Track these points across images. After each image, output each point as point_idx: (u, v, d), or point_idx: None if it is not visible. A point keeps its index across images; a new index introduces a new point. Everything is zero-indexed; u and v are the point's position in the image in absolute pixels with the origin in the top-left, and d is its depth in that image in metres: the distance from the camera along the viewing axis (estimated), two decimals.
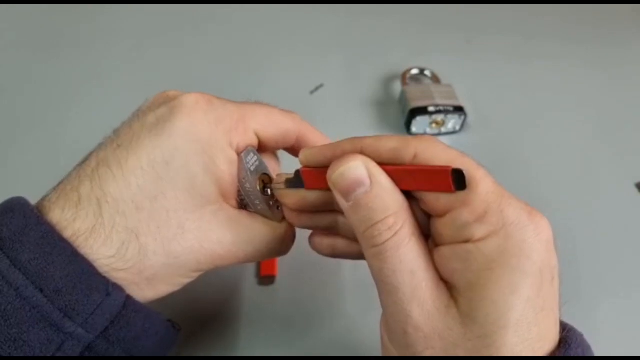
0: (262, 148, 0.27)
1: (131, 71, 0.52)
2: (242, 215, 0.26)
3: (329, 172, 0.22)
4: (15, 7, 0.60)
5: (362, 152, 0.22)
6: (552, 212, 0.41)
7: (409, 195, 0.22)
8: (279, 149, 0.29)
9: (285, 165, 0.30)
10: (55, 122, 0.47)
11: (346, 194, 0.21)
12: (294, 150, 0.29)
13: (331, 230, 0.26)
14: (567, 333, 0.20)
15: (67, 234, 0.21)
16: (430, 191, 0.21)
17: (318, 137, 0.29)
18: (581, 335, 0.21)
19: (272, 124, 0.27)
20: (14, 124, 0.47)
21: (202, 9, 0.61)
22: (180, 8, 0.61)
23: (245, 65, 0.54)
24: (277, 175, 0.27)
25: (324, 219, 0.26)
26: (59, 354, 0.20)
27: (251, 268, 0.36)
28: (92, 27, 0.58)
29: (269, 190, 0.27)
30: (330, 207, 0.25)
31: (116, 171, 0.22)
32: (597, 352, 0.32)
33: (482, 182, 0.20)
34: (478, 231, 0.19)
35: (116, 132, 0.24)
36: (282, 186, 0.26)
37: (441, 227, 0.21)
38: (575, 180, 0.45)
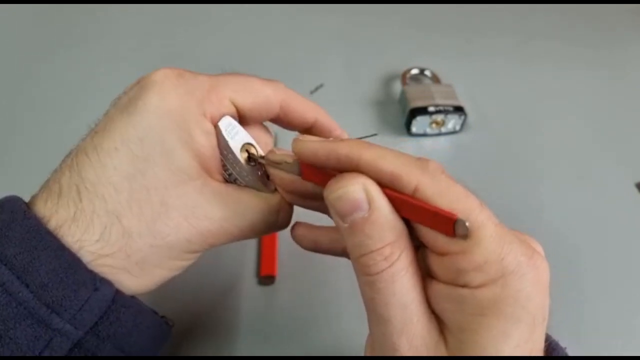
0: (246, 119, 0.26)
1: (131, 71, 0.51)
2: (230, 189, 0.25)
3: (326, 191, 0.21)
4: (15, 7, 0.60)
5: (359, 167, 0.20)
6: (552, 212, 0.41)
7: (405, 220, 0.20)
8: (262, 119, 0.27)
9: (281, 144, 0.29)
10: (54, 122, 0.47)
11: (342, 216, 0.20)
12: (280, 121, 0.28)
13: (321, 212, 0.25)
14: (547, 346, 0.20)
15: (52, 225, 0.21)
16: (430, 228, 0.20)
17: (304, 106, 0.27)
18: (564, 352, 0.21)
19: (249, 92, 0.25)
20: (14, 123, 0.47)
21: (202, 9, 0.61)
22: (180, 8, 0.61)
23: (245, 65, 0.54)
24: (270, 151, 0.25)
25: (316, 203, 0.25)
26: (47, 351, 0.20)
27: (251, 268, 0.36)
28: (92, 27, 0.58)
29: (255, 161, 0.25)
30: (322, 197, 0.24)
31: (92, 156, 0.22)
32: (596, 352, 0.32)
33: (484, 229, 0.19)
34: (475, 279, 0.19)
35: (96, 122, 0.24)
36: (276, 165, 0.24)
37: (437, 265, 0.20)
38: (575, 180, 0.45)
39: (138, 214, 0.22)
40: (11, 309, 0.19)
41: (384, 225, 0.20)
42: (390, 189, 0.20)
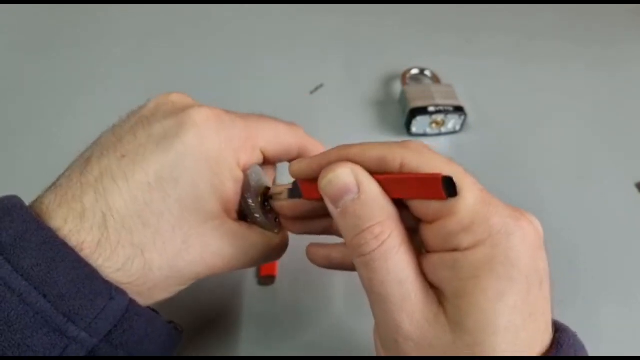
0: (265, 162, 0.28)
1: (130, 71, 0.52)
2: (242, 228, 0.26)
3: (319, 179, 0.22)
4: (14, 7, 0.60)
5: (348, 160, 0.22)
6: (552, 212, 0.41)
7: (400, 202, 0.21)
8: (281, 162, 0.29)
9: (281, 172, 0.30)
10: (54, 122, 0.47)
11: (335, 201, 0.21)
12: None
13: (327, 234, 0.27)
14: (559, 334, 0.20)
15: (71, 244, 0.21)
16: (421, 199, 0.20)
17: (316, 150, 0.29)
18: (574, 336, 0.21)
19: (277, 141, 0.27)
20: (13, 123, 0.47)
21: (202, 9, 0.61)
22: (180, 8, 0.61)
23: (245, 65, 0.54)
24: (273, 186, 0.27)
25: (320, 224, 0.26)
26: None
27: (251, 268, 0.36)
28: (92, 27, 0.58)
29: (268, 204, 0.27)
30: (326, 212, 0.25)
31: (122, 185, 0.22)
32: (597, 352, 0.32)
33: (469, 191, 0.20)
34: (465, 241, 0.19)
35: (117, 133, 0.24)
36: (279, 197, 0.26)
37: (429, 234, 0.21)
38: (575, 180, 0.45)
39: (161, 249, 0.23)
40: (29, 319, 0.19)
41: (372, 205, 0.21)
42: (379, 173, 0.21)
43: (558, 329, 0.21)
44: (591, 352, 0.22)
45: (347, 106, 0.50)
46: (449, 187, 0.19)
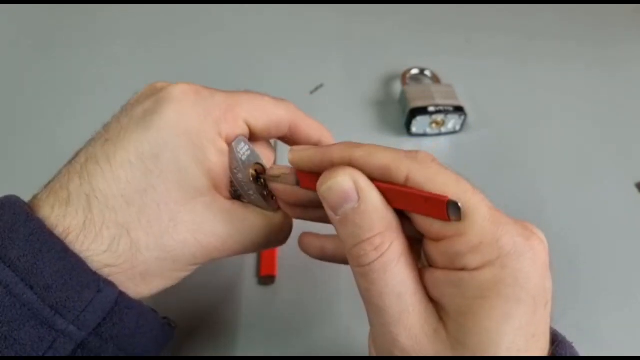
0: (254, 137, 0.27)
1: (130, 71, 0.52)
2: (236, 206, 0.25)
3: (318, 183, 0.21)
4: (14, 7, 0.60)
5: (351, 164, 0.21)
6: (552, 212, 0.41)
7: (401, 212, 0.21)
8: (271, 138, 0.28)
9: (281, 155, 0.29)
10: (54, 122, 0.47)
11: (334, 208, 0.21)
12: (287, 139, 0.28)
13: (324, 222, 0.26)
14: (556, 347, 0.20)
15: (58, 231, 0.21)
16: (424, 215, 0.20)
17: (312, 126, 0.28)
18: (571, 348, 0.21)
19: (262, 113, 0.26)
20: (13, 123, 0.47)
21: (202, 9, 0.61)
22: (179, 8, 0.61)
23: (245, 65, 0.54)
24: (270, 167, 0.26)
25: (317, 213, 0.26)
26: (50, 352, 0.20)
27: (251, 268, 0.36)
28: (92, 27, 0.58)
29: (262, 180, 0.26)
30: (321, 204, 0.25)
31: (104, 166, 0.22)
32: (597, 352, 0.32)
33: (477, 211, 0.19)
34: (473, 261, 0.19)
35: (106, 126, 0.24)
36: (277, 179, 0.25)
37: (434, 251, 0.20)
38: (575, 180, 0.45)
39: (147, 227, 0.22)
40: (15, 311, 0.19)
41: (373, 215, 0.20)
42: (382, 181, 0.20)
43: (555, 340, 0.20)
44: (591, 352, 0.22)
45: (347, 106, 0.50)
46: (454, 211, 0.19)
